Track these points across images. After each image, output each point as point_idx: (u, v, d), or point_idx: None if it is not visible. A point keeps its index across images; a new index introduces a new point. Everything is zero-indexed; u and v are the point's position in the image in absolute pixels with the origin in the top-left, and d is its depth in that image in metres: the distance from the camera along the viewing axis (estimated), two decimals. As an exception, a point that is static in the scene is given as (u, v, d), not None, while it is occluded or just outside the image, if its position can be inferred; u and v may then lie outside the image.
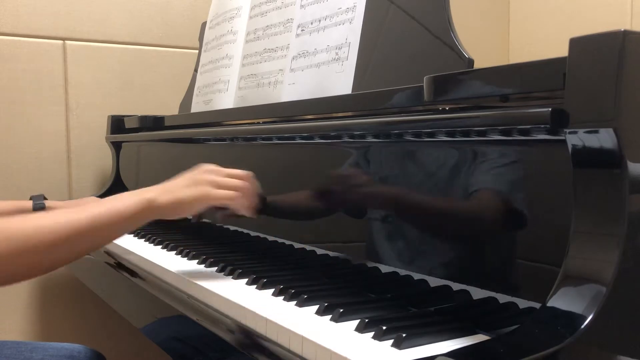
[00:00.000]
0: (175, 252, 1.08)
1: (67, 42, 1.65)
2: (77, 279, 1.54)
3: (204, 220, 1.22)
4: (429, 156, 0.72)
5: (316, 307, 0.71)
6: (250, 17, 1.30)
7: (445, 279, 0.69)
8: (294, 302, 0.74)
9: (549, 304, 0.51)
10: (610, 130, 0.50)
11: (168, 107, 1.72)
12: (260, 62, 1.22)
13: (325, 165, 0.91)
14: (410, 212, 0.75)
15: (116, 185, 1.63)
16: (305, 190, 0.94)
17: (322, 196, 0.90)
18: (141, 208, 0.80)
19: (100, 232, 0.77)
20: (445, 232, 0.71)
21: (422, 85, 0.68)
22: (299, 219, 0.96)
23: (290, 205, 0.96)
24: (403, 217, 0.76)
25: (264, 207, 0.95)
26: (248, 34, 1.30)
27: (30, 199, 1.23)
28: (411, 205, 0.75)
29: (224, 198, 0.85)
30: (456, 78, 0.66)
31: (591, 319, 0.48)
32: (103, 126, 1.68)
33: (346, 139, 0.84)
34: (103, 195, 1.59)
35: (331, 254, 0.87)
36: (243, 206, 0.87)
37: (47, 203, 1.22)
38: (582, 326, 0.48)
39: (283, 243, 0.98)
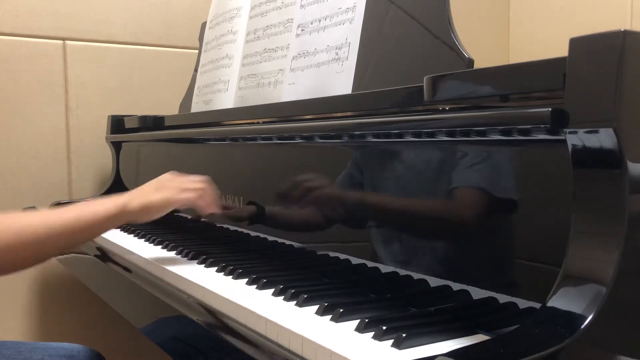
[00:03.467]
0: (175, 252, 1.08)
1: (67, 42, 1.65)
2: (77, 279, 1.54)
3: (204, 220, 1.22)
4: (428, 156, 0.72)
5: (316, 307, 0.71)
6: (250, 17, 1.30)
7: (445, 279, 0.69)
8: (294, 302, 0.74)
9: (549, 304, 0.51)
10: (610, 130, 0.50)
11: (168, 107, 1.72)
12: (260, 62, 1.22)
13: (325, 165, 0.91)
14: (409, 212, 0.75)
15: (116, 185, 1.63)
16: (307, 203, 0.93)
17: (323, 196, 0.90)
18: (116, 212, 0.90)
19: (81, 232, 0.89)
20: (445, 232, 0.71)
21: (422, 85, 0.68)
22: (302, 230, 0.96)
23: (292, 218, 0.97)
24: (403, 217, 0.76)
25: (261, 218, 1.00)
26: (248, 34, 1.30)
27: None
28: (411, 205, 0.75)
29: (187, 200, 0.96)
30: (456, 78, 0.66)
31: (591, 319, 0.48)
32: (103, 126, 1.68)
33: (346, 139, 0.84)
34: (103, 195, 1.59)
35: (331, 254, 0.87)
36: (206, 204, 0.98)
37: None
38: (582, 326, 0.48)
39: (283, 243, 0.98)
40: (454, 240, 0.70)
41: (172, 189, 0.95)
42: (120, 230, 1.34)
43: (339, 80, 0.98)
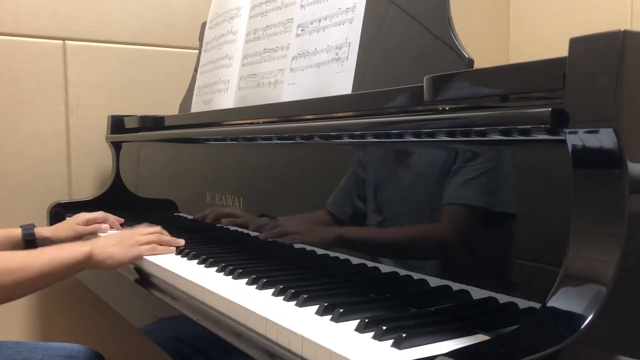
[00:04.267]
0: (175, 252, 1.08)
1: (67, 42, 1.65)
2: (77, 279, 1.54)
3: (204, 220, 1.22)
4: (428, 156, 0.72)
5: (316, 307, 0.71)
6: (250, 17, 1.30)
7: (445, 279, 0.69)
8: (294, 302, 0.74)
9: (549, 304, 0.51)
10: (610, 130, 0.50)
11: (168, 107, 1.72)
12: (260, 62, 1.22)
13: (325, 165, 0.91)
14: (409, 212, 0.75)
15: (116, 185, 1.63)
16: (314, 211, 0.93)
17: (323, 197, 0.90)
18: (82, 259, 0.98)
19: (51, 276, 0.94)
20: (444, 231, 0.70)
21: (422, 85, 0.68)
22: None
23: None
24: (403, 217, 0.76)
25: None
26: (248, 34, 1.30)
27: (20, 227, 1.24)
28: (410, 204, 0.75)
29: (146, 252, 1.05)
30: (456, 78, 0.66)
31: (591, 319, 0.48)
32: (103, 126, 1.68)
33: (346, 139, 0.84)
34: (103, 195, 1.59)
35: (331, 254, 0.87)
36: (161, 252, 1.08)
37: (36, 230, 1.24)
38: (582, 326, 0.48)
39: (283, 243, 0.98)
40: (454, 240, 0.70)
41: (133, 244, 1.05)
42: (120, 230, 1.34)
43: (339, 80, 0.98)
